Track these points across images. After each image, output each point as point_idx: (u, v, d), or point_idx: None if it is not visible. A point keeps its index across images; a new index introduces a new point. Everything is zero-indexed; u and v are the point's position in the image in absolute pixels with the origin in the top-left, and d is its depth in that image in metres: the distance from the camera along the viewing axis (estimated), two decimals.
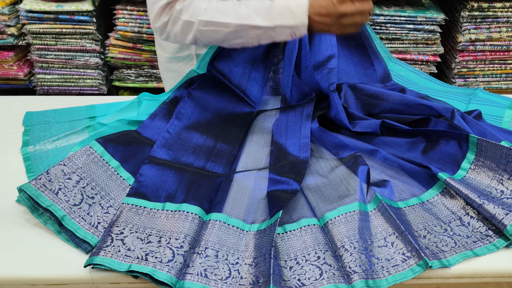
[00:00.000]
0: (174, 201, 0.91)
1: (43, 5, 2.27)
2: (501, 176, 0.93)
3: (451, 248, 0.84)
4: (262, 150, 1.09)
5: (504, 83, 2.56)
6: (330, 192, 0.95)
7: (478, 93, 1.30)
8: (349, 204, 0.90)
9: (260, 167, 1.04)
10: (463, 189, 0.91)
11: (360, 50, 1.31)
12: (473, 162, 0.97)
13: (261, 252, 0.82)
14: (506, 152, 0.91)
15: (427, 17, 2.36)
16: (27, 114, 1.24)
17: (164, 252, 0.80)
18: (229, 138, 1.10)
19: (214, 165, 1.03)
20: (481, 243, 0.84)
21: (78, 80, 2.46)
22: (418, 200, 0.95)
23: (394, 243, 0.83)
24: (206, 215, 0.89)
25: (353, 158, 1.02)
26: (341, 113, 1.13)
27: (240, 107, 1.16)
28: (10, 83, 2.45)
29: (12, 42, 2.33)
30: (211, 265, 0.80)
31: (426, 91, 1.30)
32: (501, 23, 2.41)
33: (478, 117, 1.17)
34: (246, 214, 0.92)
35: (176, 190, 0.94)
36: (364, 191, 0.93)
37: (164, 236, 0.83)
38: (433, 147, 1.05)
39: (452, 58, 2.51)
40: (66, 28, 2.32)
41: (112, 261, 0.78)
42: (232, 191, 0.96)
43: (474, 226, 0.87)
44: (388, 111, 1.18)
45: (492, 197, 0.91)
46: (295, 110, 1.14)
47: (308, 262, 0.81)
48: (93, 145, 0.97)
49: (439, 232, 0.87)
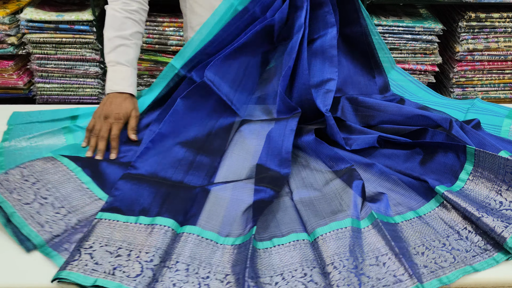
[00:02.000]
0: (148, 214, 0.89)
1: (43, 15, 2.28)
2: (499, 187, 0.92)
3: (450, 263, 0.82)
4: (243, 163, 1.06)
5: (502, 92, 2.57)
6: (323, 206, 0.93)
7: (476, 102, 1.31)
8: (342, 220, 0.88)
9: (240, 178, 1.03)
10: (461, 202, 0.90)
11: (362, 60, 1.32)
12: (471, 173, 0.97)
13: (234, 270, 0.80)
14: (504, 163, 0.91)
15: (425, 27, 2.37)
16: (13, 114, 1.24)
17: (132, 266, 0.78)
18: (210, 150, 1.08)
19: (193, 179, 1.01)
20: (480, 258, 0.83)
21: (78, 89, 2.47)
22: (415, 214, 0.94)
23: (386, 264, 0.81)
24: (180, 228, 0.88)
25: (348, 171, 1.01)
26: (336, 135, 1.12)
27: (225, 117, 1.14)
28: (10, 92, 2.45)
29: (12, 51, 2.33)
30: (181, 279, 0.78)
31: (423, 103, 1.30)
32: (498, 33, 2.42)
33: (476, 127, 1.17)
34: (221, 227, 0.90)
35: (151, 203, 0.92)
36: (358, 207, 0.91)
37: (134, 249, 0.82)
38: (431, 158, 1.05)
39: (450, 68, 2.52)
40: (66, 38, 2.33)
41: (78, 275, 0.76)
42: (208, 203, 0.95)
43: (473, 240, 0.86)
44: (386, 122, 1.18)
45: (491, 208, 0.90)
46: (279, 124, 1.12)
47: (294, 278, 0.79)
48: (56, 157, 0.97)
49: (438, 247, 0.85)
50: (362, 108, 1.21)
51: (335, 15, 1.21)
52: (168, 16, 2.35)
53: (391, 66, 1.37)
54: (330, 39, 1.19)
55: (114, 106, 1.12)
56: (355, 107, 1.22)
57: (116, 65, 1.19)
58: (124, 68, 1.18)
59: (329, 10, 1.19)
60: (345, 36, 1.28)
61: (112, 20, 1.20)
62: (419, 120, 1.15)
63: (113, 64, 1.19)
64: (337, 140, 1.13)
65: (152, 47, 2.35)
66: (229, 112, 1.15)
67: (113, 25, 1.20)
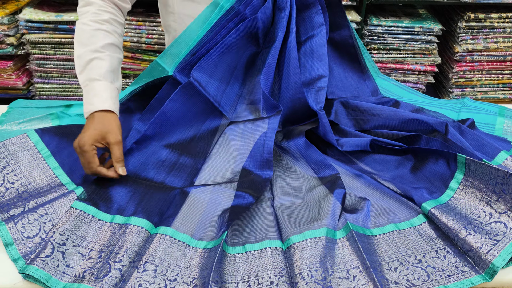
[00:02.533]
0: (124, 213, 0.90)
1: (42, 15, 2.28)
2: (489, 198, 0.90)
3: (423, 281, 0.80)
4: (226, 165, 1.06)
5: (501, 93, 2.57)
6: (302, 214, 0.92)
7: (466, 102, 1.31)
8: (316, 229, 0.86)
9: (221, 181, 1.02)
10: (448, 221, 0.88)
11: (352, 64, 1.32)
12: (461, 182, 0.95)
13: (202, 274, 0.80)
14: (495, 173, 0.89)
15: (424, 27, 2.37)
16: (16, 101, 1.30)
17: (101, 267, 0.79)
18: (194, 152, 1.08)
19: (174, 179, 1.02)
20: (456, 278, 0.81)
21: (77, 89, 2.47)
22: (395, 227, 0.92)
23: (356, 277, 0.80)
24: (155, 229, 0.88)
25: (333, 179, 1.00)
26: (329, 134, 1.12)
27: (211, 118, 1.14)
28: (9, 93, 2.46)
29: (11, 51, 2.33)
30: (147, 280, 0.78)
31: (417, 104, 1.30)
32: (497, 33, 2.42)
33: (472, 126, 1.16)
34: (195, 230, 0.90)
35: (128, 202, 0.92)
36: (336, 217, 0.90)
37: (105, 251, 0.82)
38: (421, 165, 1.04)
39: (450, 68, 2.51)
40: (65, 38, 2.33)
41: (49, 277, 0.77)
42: (185, 206, 0.95)
43: (450, 260, 0.84)
44: (380, 127, 1.17)
45: (480, 222, 0.88)
46: (261, 123, 1.10)
47: (260, 285, 0.78)
48: (30, 134, 0.98)
49: (413, 263, 0.84)
50: (356, 112, 1.20)
51: (324, 16, 1.21)
52: None
53: (375, 73, 1.37)
54: (319, 39, 1.19)
55: (88, 133, 0.95)
56: (349, 111, 1.22)
57: (88, 83, 1.02)
58: (97, 83, 1.01)
59: (317, 11, 1.19)
60: (334, 41, 1.28)
61: (80, 35, 1.06)
62: (414, 125, 1.14)
63: (85, 84, 1.03)
64: (329, 140, 1.12)
65: (151, 47, 2.35)
66: (216, 114, 1.14)
67: (81, 40, 1.06)
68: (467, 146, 1.03)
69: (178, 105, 1.07)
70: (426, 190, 0.99)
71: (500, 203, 0.89)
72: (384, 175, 1.06)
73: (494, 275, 0.81)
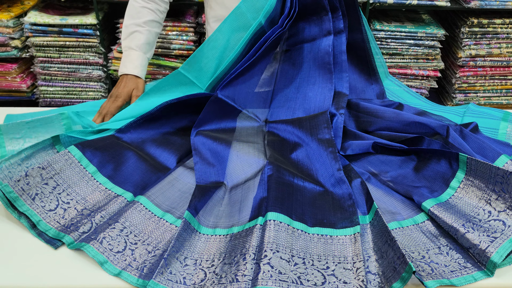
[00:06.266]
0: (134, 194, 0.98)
1: (47, 18, 2.30)
2: (489, 196, 0.91)
3: (428, 273, 0.82)
4: (257, 159, 1.09)
5: (504, 98, 2.56)
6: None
7: (470, 106, 1.31)
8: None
9: (247, 178, 1.04)
10: (448, 218, 0.89)
11: (360, 67, 1.32)
12: (462, 181, 0.96)
13: (165, 246, 0.86)
14: (495, 172, 0.90)
15: (428, 32, 2.37)
16: (7, 116, 1.24)
17: (85, 223, 0.88)
18: (222, 138, 1.14)
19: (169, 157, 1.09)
20: (459, 273, 0.82)
21: (81, 92, 2.49)
22: (399, 224, 0.93)
23: (359, 270, 0.82)
24: (134, 197, 0.95)
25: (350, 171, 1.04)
26: (337, 139, 1.13)
27: (247, 123, 1.19)
28: (13, 95, 2.48)
29: (16, 54, 2.35)
30: (111, 236, 0.85)
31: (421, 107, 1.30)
32: (501, 39, 2.42)
33: (475, 130, 1.17)
34: (165, 202, 0.96)
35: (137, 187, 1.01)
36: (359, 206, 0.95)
37: (97, 214, 0.91)
38: (424, 165, 1.05)
39: (453, 74, 2.51)
40: (70, 41, 2.35)
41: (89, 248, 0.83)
42: (165, 180, 1.01)
43: (453, 256, 0.86)
44: (384, 129, 1.18)
45: (479, 219, 0.89)
46: None
47: (201, 266, 0.82)
48: (71, 149, 0.98)
49: (416, 258, 0.85)
50: (361, 114, 1.21)
51: (344, 21, 1.23)
52: (171, 20, 2.36)
53: (385, 75, 1.38)
54: (339, 44, 1.24)
55: (119, 87, 1.27)
56: (354, 113, 1.23)
57: (128, 50, 1.32)
58: (133, 52, 1.31)
59: (337, 16, 1.23)
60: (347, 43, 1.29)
61: (130, 9, 1.34)
62: (417, 127, 1.14)
63: (125, 49, 1.32)
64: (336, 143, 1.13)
65: (155, 51, 2.36)
66: (251, 120, 1.20)
67: (130, 13, 1.34)
68: (467, 149, 1.04)
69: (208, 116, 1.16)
70: (427, 189, 0.99)
71: (500, 202, 0.90)
72: (387, 175, 1.07)
73: (494, 271, 0.82)
